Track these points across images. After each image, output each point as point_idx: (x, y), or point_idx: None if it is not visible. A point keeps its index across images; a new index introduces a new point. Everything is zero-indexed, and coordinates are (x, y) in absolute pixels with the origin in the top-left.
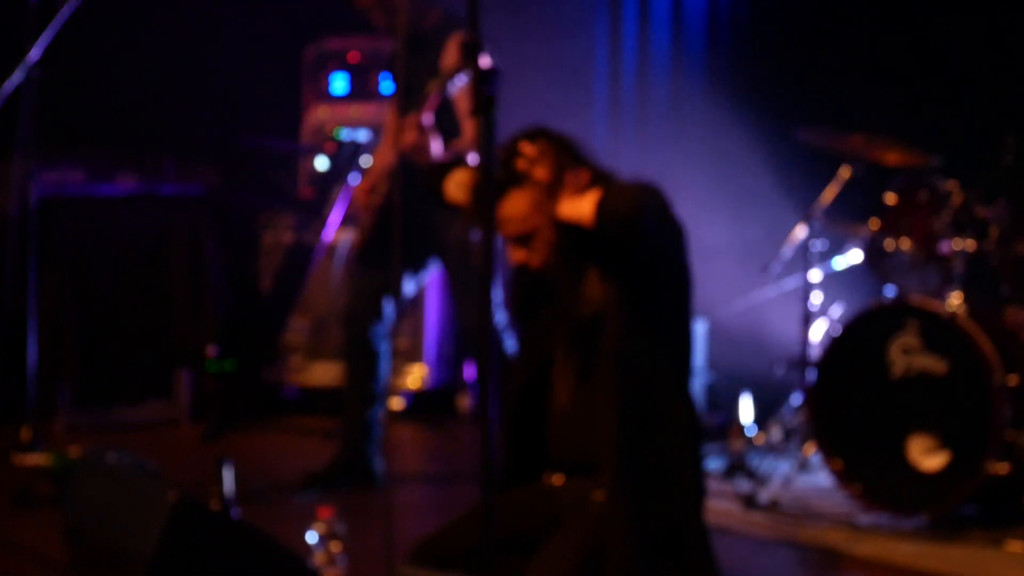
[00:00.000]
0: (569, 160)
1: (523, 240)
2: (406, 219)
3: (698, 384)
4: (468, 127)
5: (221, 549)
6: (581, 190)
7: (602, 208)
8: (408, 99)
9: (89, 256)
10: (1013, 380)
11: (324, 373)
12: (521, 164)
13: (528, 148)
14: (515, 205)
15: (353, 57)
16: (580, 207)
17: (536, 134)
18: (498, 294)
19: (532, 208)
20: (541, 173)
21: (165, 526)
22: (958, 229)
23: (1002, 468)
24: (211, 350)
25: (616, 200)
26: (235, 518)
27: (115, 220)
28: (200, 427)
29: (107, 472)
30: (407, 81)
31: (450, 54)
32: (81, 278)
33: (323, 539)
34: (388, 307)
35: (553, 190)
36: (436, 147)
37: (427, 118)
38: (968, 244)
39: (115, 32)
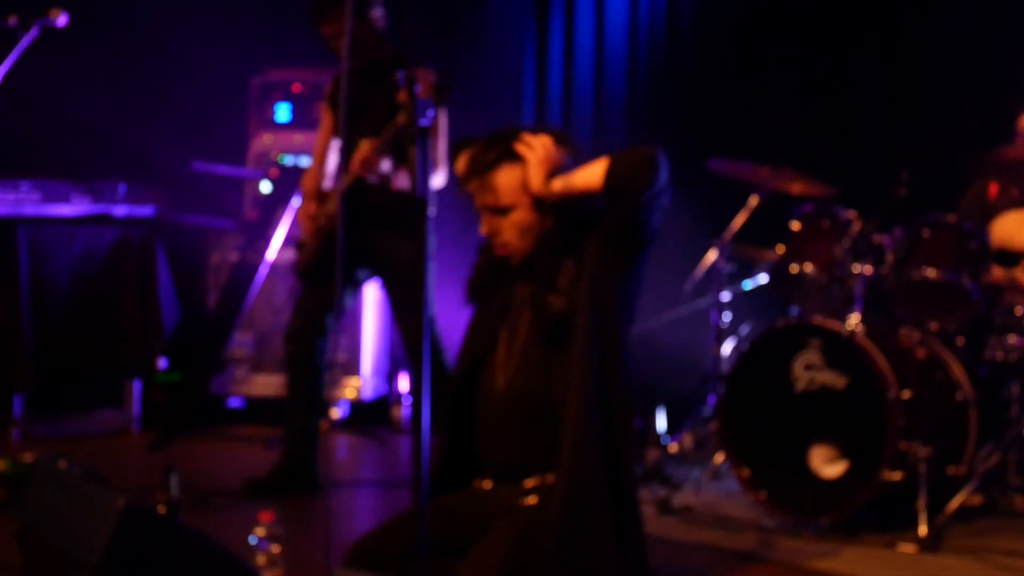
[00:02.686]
0: (565, 158)
1: (498, 212)
2: (350, 240)
3: None
4: (440, 164)
5: (167, 552)
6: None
7: (615, 166)
8: (356, 125)
9: (44, 273)
10: (906, 394)
11: (267, 385)
12: (520, 147)
13: (530, 136)
14: (503, 177)
15: (296, 88)
16: (590, 173)
17: (539, 129)
18: (433, 311)
19: (517, 186)
20: (535, 159)
21: (113, 530)
22: (857, 255)
23: (896, 476)
24: (159, 362)
25: (630, 158)
26: (180, 523)
27: (69, 239)
28: (148, 436)
29: (58, 478)
30: (356, 107)
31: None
32: (36, 294)
33: (264, 542)
34: (330, 323)
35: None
36: (386, 166)
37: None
38: (866, 269)
39: (71, 61)
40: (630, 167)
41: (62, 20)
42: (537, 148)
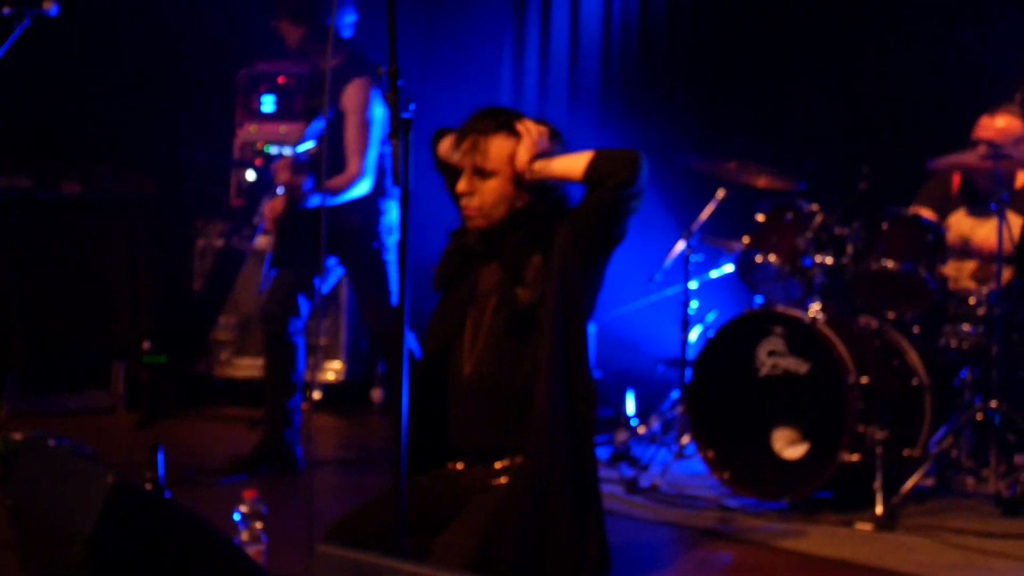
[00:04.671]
0: (553, 150)
1: (481, 174)
2: (310, 227)
3: None
4: (353, 163)
5: (155, 528)
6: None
7: (599, 158)
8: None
9: (35, 257)
10: (865, 380)
11: (250, 367)
12: (520, 125)
13: (530, 122)
14: (496, 144)
15: (281, 80)
16: (573, 161)
17: (540, 121)
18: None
19: (505, 156)
20: (529, 139)
21: (103, 506)
22: (819, 246)
23: (854, 458)
24: (146, 344)
25: (615, 154)
26: (167, 499)
27: (60, 224)
28: (135, 415)
29: (49, 455)
30: (310, 111)
31: (349, 96)
32: (28, 277)
33: (247, 518)
34: (304, 305)
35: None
36: (308, 184)
37: (302, 157)
38: (827, 259)
39: (63, 52)
40: (614, 161)
41: (54, 10)
42: (533, 131)
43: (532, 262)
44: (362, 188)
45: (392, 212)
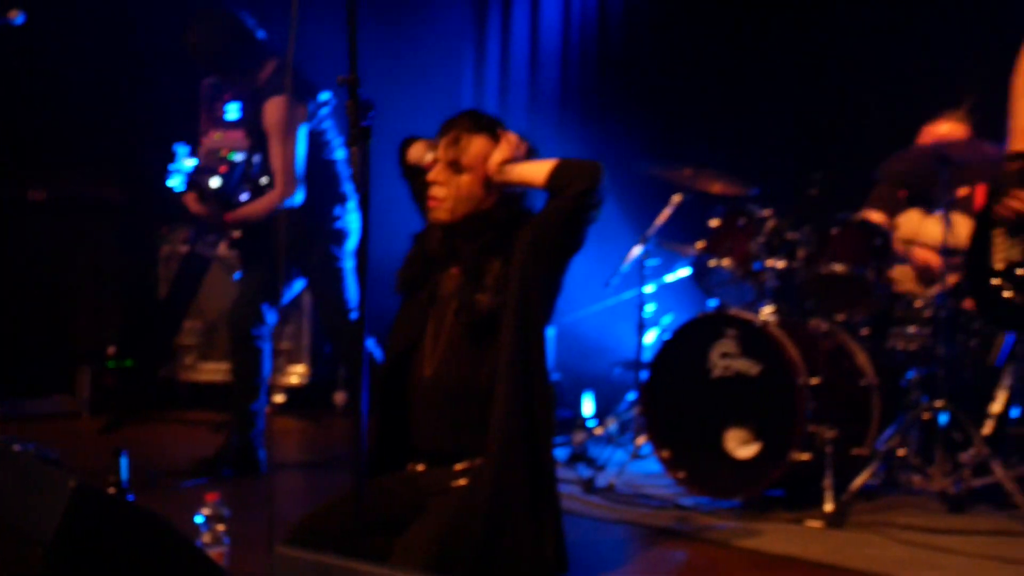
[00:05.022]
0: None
1: (455, 168)
2: (270, 237)
3: None
4: (278, 182)
5: (116, 531)
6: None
7: (562, 166)
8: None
9: (1, 262)
10: (815, 381)
11: (214, 371)
12: (503, 133)
13: (513, 135)
14: (476, 143)
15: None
16: (538, 168)
17: (524, 138)
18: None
19: (481, 157)
20: (507, 146)
21: (65, 511)
22: (771, 250)
23: (804, 456)
24: (111, 349)
25: (576, 163)
26: (130, 503)
27: (25, 229)
28: (100, 419)
29: (12, 459)
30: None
31: (268, 116)
32: None
33: (209, 521)
34: (268, 310)
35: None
36: (243, 196)
37: (214, 182)
38: (779, 263)
39: (29, 59)
40: (575, 170)
41: (20, 18)
42: (512, 140)
43: (492, 268)
44: (294, 201)
45: (348, 218)
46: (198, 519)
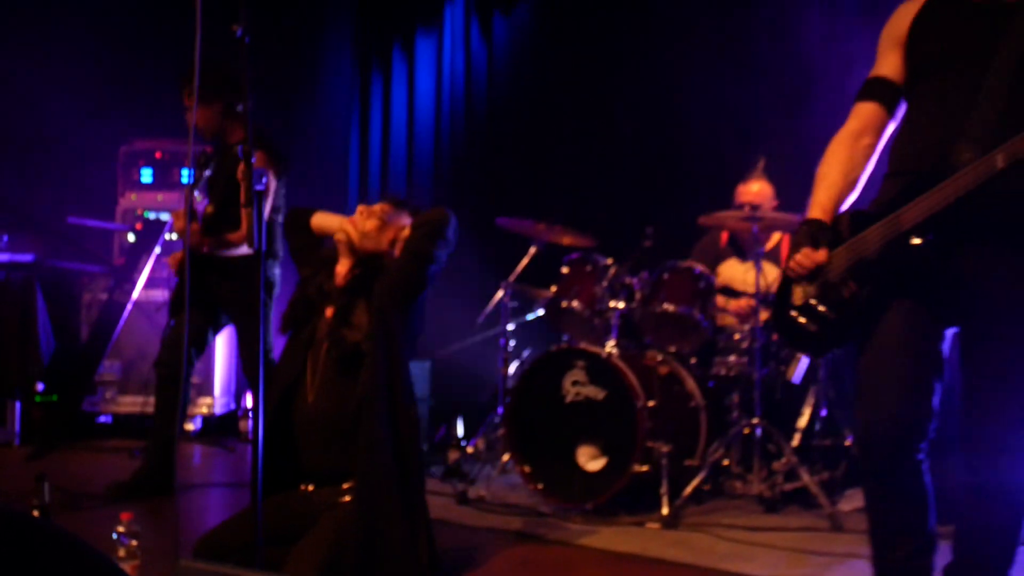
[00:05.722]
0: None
1: (381, 226)
2: (208, 288)
3: (423, 408)
4: (244, 224)
5: (36, 549)
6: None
7: (412, 236)
8: (210, 191)
9: None
10: (652, 403)
11: (131, 404)
12: (396, 219)
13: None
14: (403, 220)
15: (158, 155)
16: (379, 241)
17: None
18: (270, 343)
19: (383, 241)
20: (370, 228)
21: None
22: (613, 293)
23: (644, 468)
24: (38, 385)
25: (424, 228)
26: (50, 523)
27: None
28: (27, 449)
29: None
30: (208, 178)
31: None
32: None
33: (124, 537)
34: (195, 354)
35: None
36: (197, 239)
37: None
38: (620, 304)
39: None
40: (424, 219)
41: None
42: (378, 219)
43: (358, 307)
44: (250, 249)
45: (272, 270)
46: (114, 536)
